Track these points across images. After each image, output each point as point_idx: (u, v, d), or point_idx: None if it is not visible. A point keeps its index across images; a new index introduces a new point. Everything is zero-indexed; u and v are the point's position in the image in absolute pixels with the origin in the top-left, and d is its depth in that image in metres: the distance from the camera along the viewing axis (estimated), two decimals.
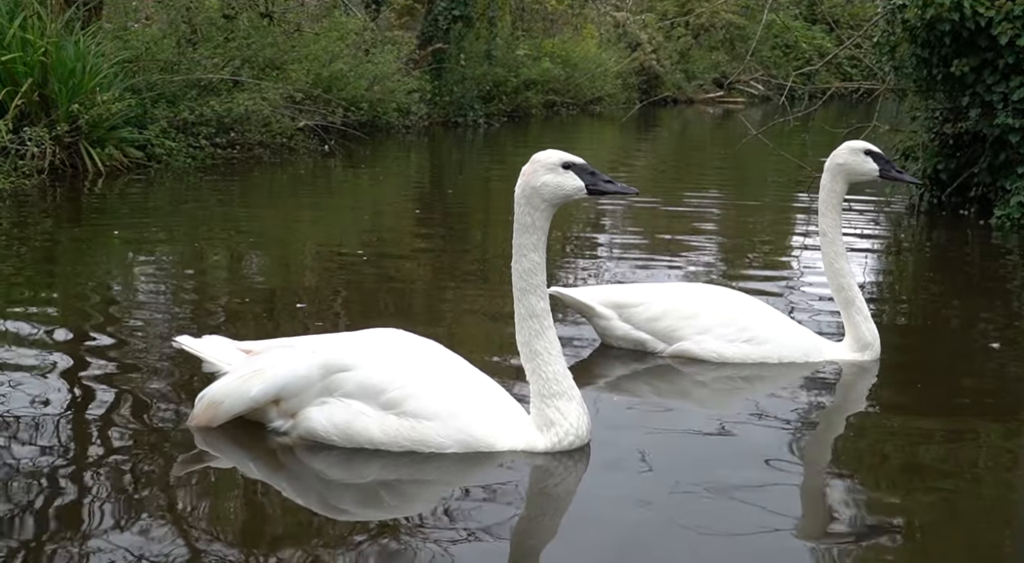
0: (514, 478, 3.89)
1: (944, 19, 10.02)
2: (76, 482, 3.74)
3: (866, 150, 5.60)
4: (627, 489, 3.80)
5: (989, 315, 6.90)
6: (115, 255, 8.31)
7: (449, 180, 14.72)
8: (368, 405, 4.01)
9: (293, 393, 4.08)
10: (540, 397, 4.07)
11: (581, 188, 4.07)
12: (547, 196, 4.06)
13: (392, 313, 6.48)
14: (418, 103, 18.50)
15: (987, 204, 10.78)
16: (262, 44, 15.24)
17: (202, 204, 11.04)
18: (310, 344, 4.24)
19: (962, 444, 4.48)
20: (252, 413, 4.17)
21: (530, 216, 4.08)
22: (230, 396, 4.12)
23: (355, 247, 8.86)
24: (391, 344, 4.23)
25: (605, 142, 22.73)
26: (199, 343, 4.38)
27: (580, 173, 4.08)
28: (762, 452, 4.22)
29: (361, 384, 4.03)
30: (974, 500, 3.90)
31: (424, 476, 3.89)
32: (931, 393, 5.21)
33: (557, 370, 4.08)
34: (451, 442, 3.98)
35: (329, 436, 4.04)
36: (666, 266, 8.24)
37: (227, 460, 4.07)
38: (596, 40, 28.65)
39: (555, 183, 4.06)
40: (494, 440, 4.01)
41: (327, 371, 4.05)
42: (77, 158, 11.69)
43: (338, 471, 3.94)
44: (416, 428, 3.97)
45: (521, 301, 4.12)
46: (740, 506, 3.69)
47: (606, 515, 3.61)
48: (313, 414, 4.06)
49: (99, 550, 3.22)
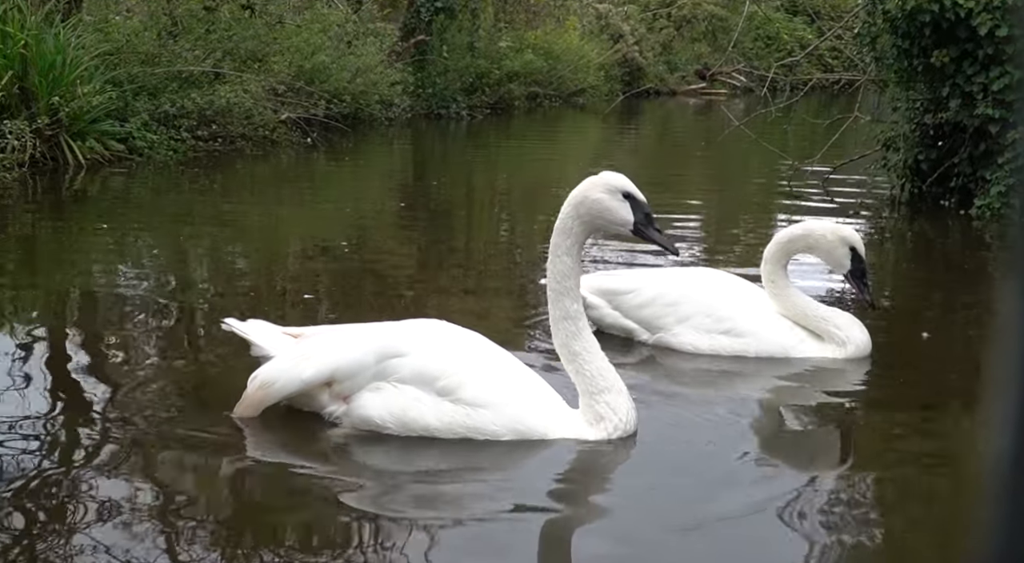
0: (569, 467, 3.94)
1: (924, 10, 10.06)
2: (80, 480, 3.69)
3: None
4: (676, 480, 3.86)
5: (970, 304, 6.95)
6: (97, 248, 8.27)
7: (433, 172, 14.71)
8: (424, 391, 4.03)
9: (347, 376, 4.08)
10: (588, 394, 4.10)
11: (628, 223, 4.03)
12: (593, 213, 4.03)
13: (377, 306, 6.48)
14: (401, 95, 18.45)
15: (967, 194, 10.84)
16: (243, 36, 15.15)
17: (184, 197, 10.99)
18: (361, 330, 4.24)
19: (942, 438, 4.52)
20: (303, 399, 4.17)
21: (571, 221, 4.07)
22: (282, 377, 4.11)
23: (338, 239, 8.85)
24: (440, 333, 4.25)
25: (588, 134, 22.73)
26: (247, 326, 4.37)
27: (635, 209, 4.03)
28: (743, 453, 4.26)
29: (417, 370, 4.04)
30: (953, 490, 3.94)
31: (479, 464, 3.92)
32: (912, 387, 5.25)
33: (600, 366, 4.11)
34: (505, 430, 4.01)
35: (385, 423, 4.04)
36: (645, 252, 8.25)
37: (273, 456, 4.05)
38: (579, 32, 28.61)
39: (606, 205, 4.02)
40: (546, 429, 4.05)
41: (382, 356, 4.07)
42: (58, 151, 11.60)
43: (391, 464, 3.94)
44: (471, 415, 4.00)
45: (555, 304, 4.13)
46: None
47: (654, 503, 3.66)
48: (367, 400, 4.06)
49: (139, 544, 3.19)
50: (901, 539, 3.56)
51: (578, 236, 4.08)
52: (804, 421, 4.78)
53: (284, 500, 3.70)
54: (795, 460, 4.23)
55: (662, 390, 5.15)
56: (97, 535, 3.24)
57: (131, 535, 3.25)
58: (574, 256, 4.10)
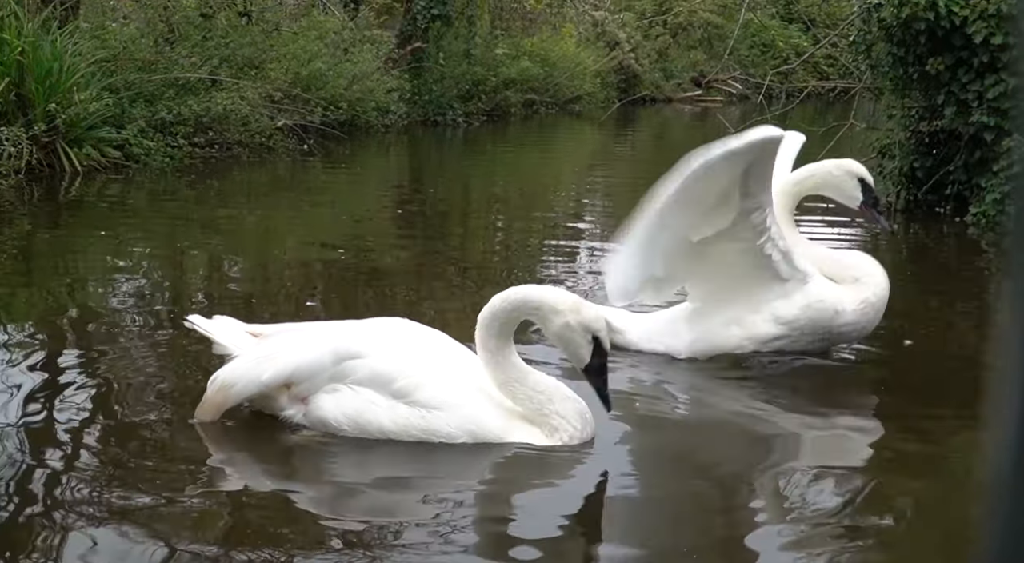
0: (523, 472, 3.91)
1: (919, 18, 10.10)
2: (65, 481, 3.69)
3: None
4: (632, 480, 3.83)
5: (966, 312, 6.97)
6: (93, 255, 8.26)
7: (429, 179, 14.71)
8: (379, 393, 4.00)
9: (304, 377, 4.06)
10: (535, 414, 4.04)
11: (583, 361, 4.01)
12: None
13: (373, 311, 6.48)
14: (397, 102, 18.46)
15: (963, 201, 10.87)
16: (240, 43, 15.17)
17: (181, 204, 10.99)
18: (321, 330, 4.22)
19: (932, 444, 4.51)
20: (263, 401, 4.15)
21: (492, 321, 4.04)
22: (241, 379, 4.09)
23: (335, 246, 8.85)
24: (401, 333, 4.22)
25: (584, 141, 22.75)
26: (210, 324, 4.34)
27: (596, 354, 4.01)
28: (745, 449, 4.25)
29: (372, 372, 4.02)
30: (946, 496, 3.95)
31: (434, 471, 3.89)
32: (904, 391, 5.25)
33: (533, 382, 4.05)
34: (460, 433, 3.97)
35: (340, 425, 4.02)
36: None
37: (233, 459, 4.04)
38: (575, 39, 28.65)
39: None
40: (503, 432, 4.00)
41: (339, 357, 4.04)
42: (54, 158, 11.60)
43: (347, 469, 3.92)
44: (426, 417, 3.96)
45: (479, 348, 4.09)
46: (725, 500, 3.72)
47: (614, 509, 3.65)
48: (324, 402, 4.04)
49: (93, 549, 3.20)
50: (894, 547, 3.56)
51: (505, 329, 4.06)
52: (778, 428, 4.72)
53: (235, 507, 3.64)
54: (767, 464, 4.21)
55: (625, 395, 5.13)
56: (40, 539, 3.25)
57: (73, 540, 3.26)
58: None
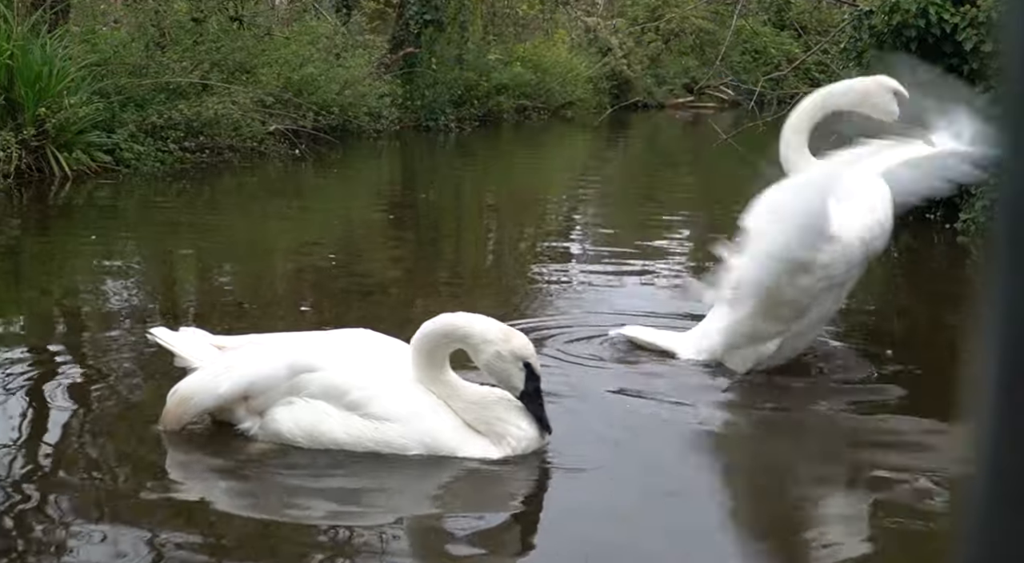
0: (474, 484, 3.89)
1: (910, 25, 10.13)
2: (36, 487, 3.68)
3: None
4: (588, 493, 3.81)
5: (952, 320, 6.97)
6: (83, 260, 8.24)
7: (421, 184, 14.70)
8: (333, 406, 4.00)
9: (260, 391, 4.06)
10: (479, 424, 4.01)
11: (519, 388, 3.99)
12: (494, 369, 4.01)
13: (361, 318, 6.46)
14: (389, 107, 18.45)
15: (953, 208, 10.88)
16: (232, 48, 15.15)
17: (171, 208, 10.97)
18: (281, 342, 4.23)
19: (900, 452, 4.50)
20: (222, 413, 4.15)
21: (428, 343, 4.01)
22: (199, 392, 4.09)
23: (325, 251, 8.84)
24: (358, 345, 4.22)
25: (577, 146, 22.77)
26: (173, 337, 4.34)
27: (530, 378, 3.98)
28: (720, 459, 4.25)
29: (326, 385, 4.02)
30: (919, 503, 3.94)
31: (387, 483, 3.88)
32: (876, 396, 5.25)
33: (468, 395, 4.03)
34: (414, 444, 3.95)
35: (294, 437, 4.02)
36: (632, 272, 8.26)
37: (192, 468, 4.04)
38: (567, 45, 28.70)
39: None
40: (457, 446, 3.98)
41: (293, 371, 4.05)
42: (44, 162, 11.57)
43: (303, 479, 3.91)
44: (379, 429, 3.96)
45: (414, 370, 4.07)
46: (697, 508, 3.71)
47: (566, 520, 3.62)
48: (279, 414, 4.05)
49: (49, 555, 3.18)
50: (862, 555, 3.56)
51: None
52: (742, 432, 4.71)
53: (189, 517, 3.59)
54: (721, 468, 4.21)
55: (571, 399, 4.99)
56: None
57: (25, 547, 3.25)
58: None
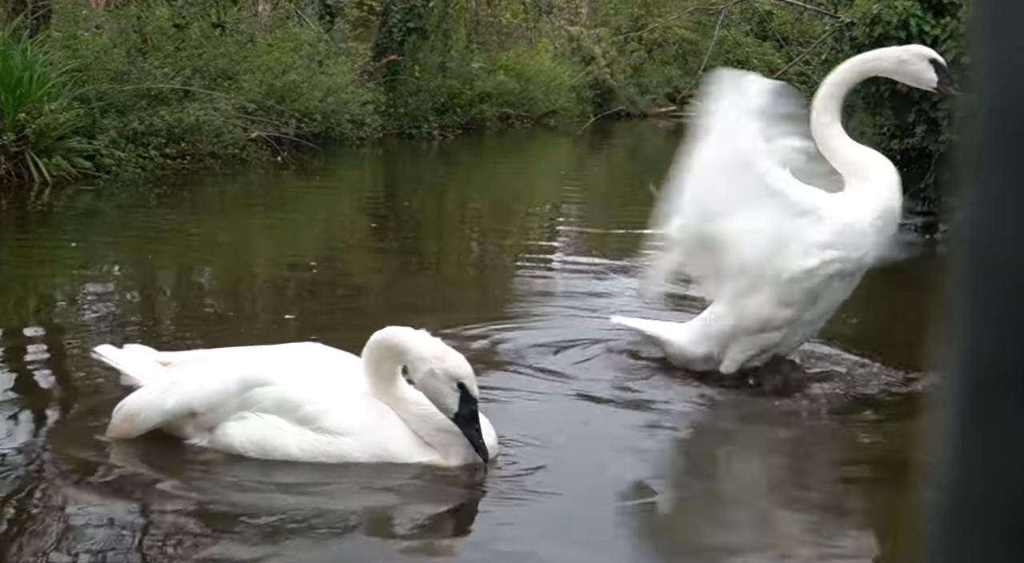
0: (427, 491, 3.86)
1: (891, 36, 10.20)
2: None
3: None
4: (541, 498, 3.80)
5: (926, 327, 7.00)
6: (61, 267, 8.17)
7: (404, 192, 14.69)
8: (286, 420, 3.97)
9: (209, 407, 4.03)
10: (431, 437, 3.98)
11: (452, 411, 3.92)
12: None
13: (342, 326, 6.44)
14: (372, 115, 18.43)
15: (933, 219, 10.97)
16: (214, 54, 15.10)
17: (152, 215, 10.91)
18: (228, 357, 4.20)
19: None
20: (169, 427, 4.11)
21: (375, 359, 4.02)
22: (146, 409, 4.06)
23: (307, 259, 8.81)
24: (309, 359, 4.20)
25: (560, 155, 22.80)
26: (118, 354, 4.29)
27: (464, 401, 3.91)
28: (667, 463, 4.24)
29: (278, 399, 3.99)
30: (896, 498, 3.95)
31: (339, 489, 3.86)
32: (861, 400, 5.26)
33: (422, 407, 3.99)
34: (367, 458, 3.94)
35: (246, 451, 3.99)
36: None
37: (142, 473, 3.98)
38: (550, 54, 28.76)
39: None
40: (409, 457, 3.96)
41: (244, 386, 4.01)
42: (23, 168, 11.48)
43: (253, 484, 3.89)
44: (333, 443, 3.93)
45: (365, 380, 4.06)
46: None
47: (508, 532, 3.61)
48: (230, 429, 4.01)
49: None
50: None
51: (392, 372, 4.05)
52: (711, 442, 4.69)
53: (133, 525, 3.55)
54: (709, 466, 4.21)
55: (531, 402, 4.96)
56: None
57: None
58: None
